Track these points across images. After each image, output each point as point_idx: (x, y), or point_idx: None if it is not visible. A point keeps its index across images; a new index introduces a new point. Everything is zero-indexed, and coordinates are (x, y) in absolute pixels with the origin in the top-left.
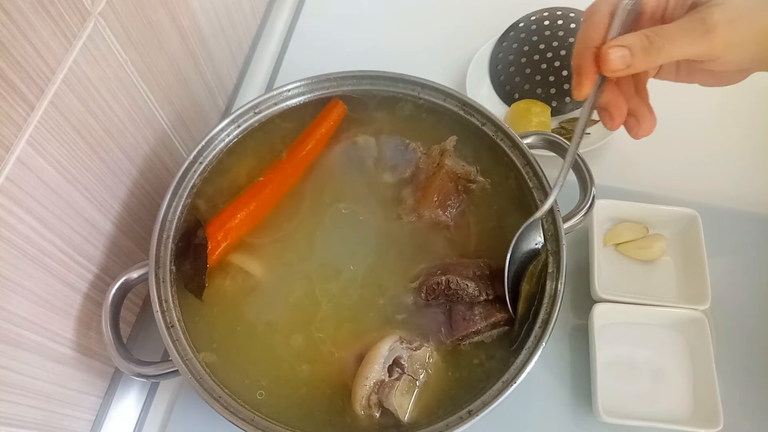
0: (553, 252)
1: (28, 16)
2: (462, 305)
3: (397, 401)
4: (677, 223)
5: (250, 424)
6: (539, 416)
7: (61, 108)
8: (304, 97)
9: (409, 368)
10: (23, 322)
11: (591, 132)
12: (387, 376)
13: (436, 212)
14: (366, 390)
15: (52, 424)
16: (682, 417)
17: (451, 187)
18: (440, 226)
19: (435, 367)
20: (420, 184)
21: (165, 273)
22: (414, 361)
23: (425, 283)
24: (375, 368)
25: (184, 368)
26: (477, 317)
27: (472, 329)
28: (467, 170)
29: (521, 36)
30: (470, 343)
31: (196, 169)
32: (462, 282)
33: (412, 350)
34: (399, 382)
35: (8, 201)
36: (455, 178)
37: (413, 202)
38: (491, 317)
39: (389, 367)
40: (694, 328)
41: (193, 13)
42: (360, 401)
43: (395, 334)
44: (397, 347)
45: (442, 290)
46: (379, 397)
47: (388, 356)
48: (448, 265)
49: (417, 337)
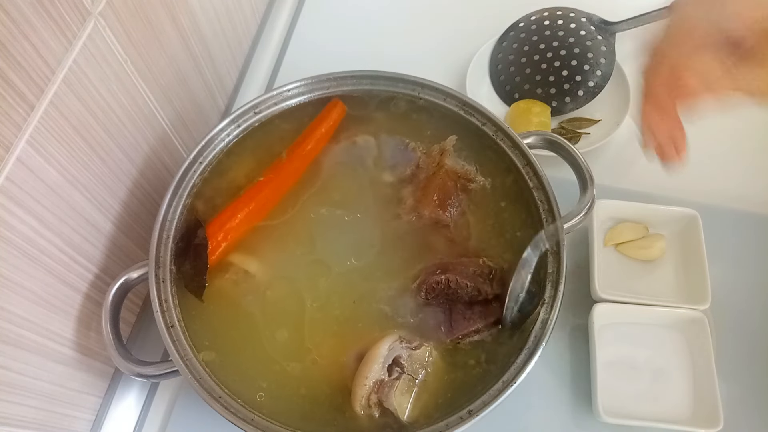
0: (553, 252)
1: (28, 16)
2: (461, 304)
3: (397, 401)
4: (677, 223)
5: (250, 424)
6: (539, 416)
7: (61, 108)
8: (304, 97)
9: (408, 368)
10: (23, 322)
11: (591, 132)
12: (387, 375)
13: (436, 211)
14: (366, 389)
15: (51, 424)
16: (682, 417)
17: (451, 187)
18: (440, 226)
19: (435, 367)
20: (420, 183)
21: (165, 273)
22: (414, 360)
23: (425, 282)
24: (375, 368)
25: (184, 368)
26: (476, 316)
27: (471, 328)
28: (467, 170)
29: (521, 36)
30: (470, 342)
31: (196, 169)
32: (462, 281)
33: (411, 350)
34: (399, 381)
35: (8, 201)
36: (455, 177)
37: (413, 202)
38: (491, 316)
39: (389, 366)
40: (694, 328)
41: (193, 13)
42: (360, 401)
43: (395, 334)
44: (397, 347)
45: (441, 289)
46: (378, 396)
47: (387, 356)
48: (448, 264)
49: (417, 336)
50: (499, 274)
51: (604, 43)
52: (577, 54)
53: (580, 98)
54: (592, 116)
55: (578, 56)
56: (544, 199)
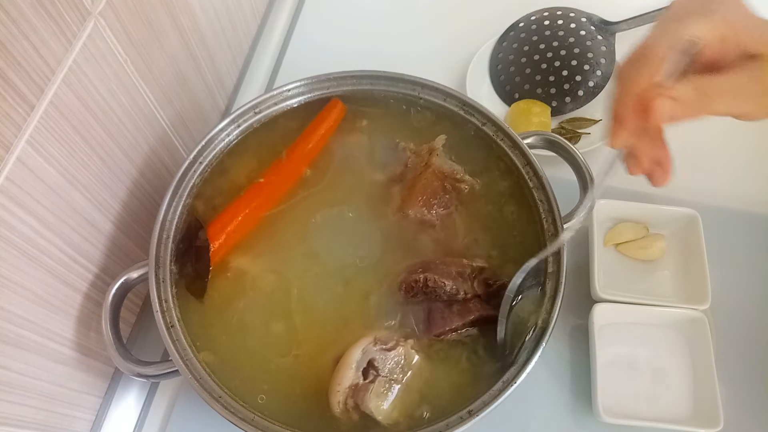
0: (554, 252)
1: (28, 16)
2: (440, 303)
3: (373, 404)
4: (677, 223)
5: (250, 424)
6: (539, 416)
7: (61, 108)
8: (304, 97)
9: (383, 370)
10: (23, 322)
11: (591, 132)
12: (362, 379)
13: (421, 211)
14: (339, 395)
15: (51, 424)
16: (682, 417)
17: (438, 186)
18: (425, 225)
19: (413, 367)
20: (407, 183)
21: (165, 273)
22: (389, 361)
23: (405, 281)
24: (347, 374)
25: (184, 368)
26: (454, 315)
27: (449, 327)
28: (454, 170)
29: (521, 36)
30: (448, 342)
31: (196, 169)
32: (440, 280)
33: (386, 351)
34: (374, 384)
35: (8, 201)
36: (442, 177)
37: (400, 201)
38: (468, 315)
39: (364, 369)
40: (694, 328)
41: (193, 13)
42: (336, 406)
43: (369, 336)
44: (371, 349)
45: (420, 288)
46: (355, 400)
47: (361, 359)
48: (430, 264)
49: (395, 334)
50: (481, 274)
51: (604, 43)
52: (577, 54)
53: (580, 98)
54: (592, 116)
55: (578, 56)
56: (544, 199)
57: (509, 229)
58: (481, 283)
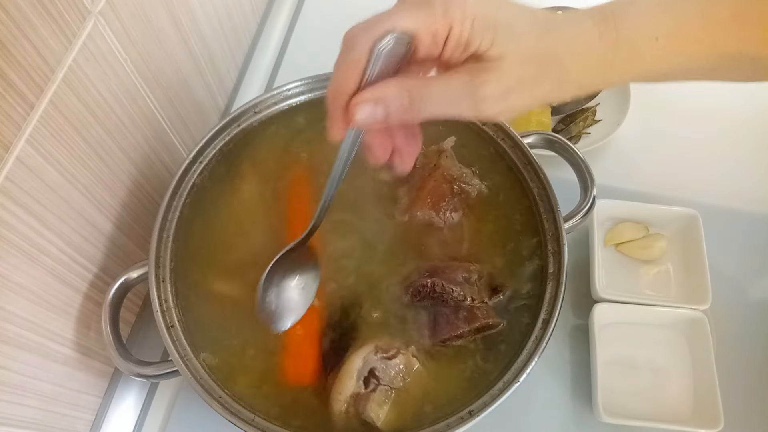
0: (554, 252)
1: (28, 15)
2: (447, 308)
3: (374, 412)
4: (677, 223)
5: (250, 424)
6: (539, 416)
7: (60, 107)
8: (304, 97)
9: (384, 378)
10: (23, 322)
11: (591, 132)
12: (363, 388)
13: (429, 213)
14: (340, 405)
15: (51, 424)
16: (682, 417)
17: (446, 189)
18: (433, 228)
19: (415, 374)
20: (415, 184)
21: (165, 273)
22: (390, 369)
23: (412, 285)
24: (348, 383)
25: (184, 368)
26: (460, 321)
27: (454, 333)
28: (463, 173)
29: None
30: (453, 348)
31: (195, 169)
32: (447, 286)
33: (387, 359)
34: (375, 393)
35: (8, 201)
36: (450, 179)
37: (407, 202)
38: (475, 322)
39: (365, 378)
40: (694, 328)
41: (193, 13)
42: (337, 413)
43: (370, 344)
44: (372, 358)
45: (427, 293)
46: (356, 408)
47: (362, 368)
48: (437, 268)
49: (399, 339)
50: (489, 280)
51: None
52: None
53: (580, 98)
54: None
55: None
56: (545, 199)
57: (512, 233)
58: (487, 289)
